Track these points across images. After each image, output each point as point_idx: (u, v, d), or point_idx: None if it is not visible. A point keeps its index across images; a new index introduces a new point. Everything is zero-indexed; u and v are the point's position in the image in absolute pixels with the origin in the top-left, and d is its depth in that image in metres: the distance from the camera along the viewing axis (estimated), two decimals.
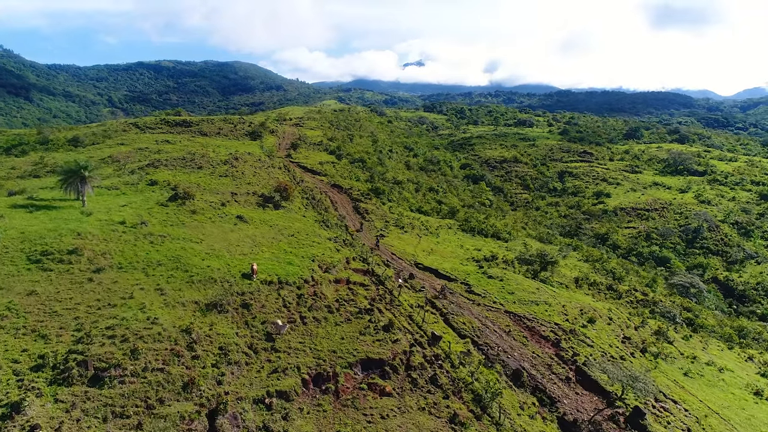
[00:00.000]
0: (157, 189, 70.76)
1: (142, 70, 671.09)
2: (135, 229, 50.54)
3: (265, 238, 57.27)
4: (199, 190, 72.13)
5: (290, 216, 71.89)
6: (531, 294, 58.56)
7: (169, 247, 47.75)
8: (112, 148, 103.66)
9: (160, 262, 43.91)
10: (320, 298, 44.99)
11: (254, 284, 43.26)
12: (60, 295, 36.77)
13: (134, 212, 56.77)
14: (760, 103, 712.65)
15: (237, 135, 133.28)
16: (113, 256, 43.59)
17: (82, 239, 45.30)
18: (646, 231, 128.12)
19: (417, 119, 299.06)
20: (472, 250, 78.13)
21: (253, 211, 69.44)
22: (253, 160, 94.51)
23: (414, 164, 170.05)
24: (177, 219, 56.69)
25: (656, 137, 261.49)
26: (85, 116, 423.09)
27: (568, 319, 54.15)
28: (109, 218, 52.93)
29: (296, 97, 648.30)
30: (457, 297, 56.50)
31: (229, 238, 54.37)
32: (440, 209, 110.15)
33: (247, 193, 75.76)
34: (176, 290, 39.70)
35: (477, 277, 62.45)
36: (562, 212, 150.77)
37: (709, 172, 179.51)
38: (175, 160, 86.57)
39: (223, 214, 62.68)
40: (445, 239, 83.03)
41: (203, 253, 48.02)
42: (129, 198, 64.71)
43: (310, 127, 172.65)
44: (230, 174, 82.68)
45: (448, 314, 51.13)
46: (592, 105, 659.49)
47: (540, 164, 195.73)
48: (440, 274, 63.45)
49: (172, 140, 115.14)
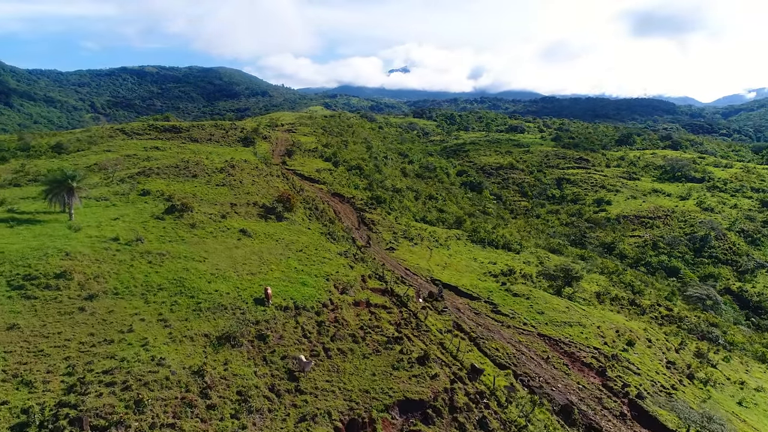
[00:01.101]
0: (150, 200, 65.25)
1: (126, 76, 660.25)
2: (130, 247, 45.13)
3: (272, 255, 52.13)
4: (196, 200, 66.71)
5: (295, 228, 66.79)
6: (562, 314, 54.03)
7: (169, 267, 42.43)
8: (99, 155, 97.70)
9: (161, 286, 38.60)
10: (342, 325, 39.98)
11: (269, 311, 38.15)
12: (47, 330, 31.38)
13: (128, 226, 51.32)
14: (741, 110, 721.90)
15: (229, 141, 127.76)
16: (107, 280, 38.21)
17: (71, 260, 39.84)
18: (652, 240, 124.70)
19: (407, 125, 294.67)
20: (486, 264, 73.55)
21: (256, 223, 64.21)
22: (250, 167, 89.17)
23: (410, 171, 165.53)
24: (176, 234, 51.34)
25: (649, 143, 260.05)
26: (67, 122, 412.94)
27: (607, 342, 49.68)
28: (100, 234, 47.46)
29: (282, 103, 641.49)
30: (483, 318, 51.79)
31: (234, 256, 49.15)
32: (445, 219, 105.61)
33: (248, 203, 70.47)
34: (182, 321, 34.45)
35: (501, 295, 57.80)
36: (563, 220, 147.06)
37: (707, 178, 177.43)
38: (168, 168, 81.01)
39: (225, 227, 57.39)
40: (457, 251, 78.37)
41: (208, 273, 42.78)
42: (120, 210, 59.16)
43: (303, 133, 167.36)
44: (228, 183, 77.30)
45: (477, 338, 46.36)
46: (578, 111, 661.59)
47: (536, 171, 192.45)
48: (461, 291, 58.68)
49: (161, 147, 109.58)
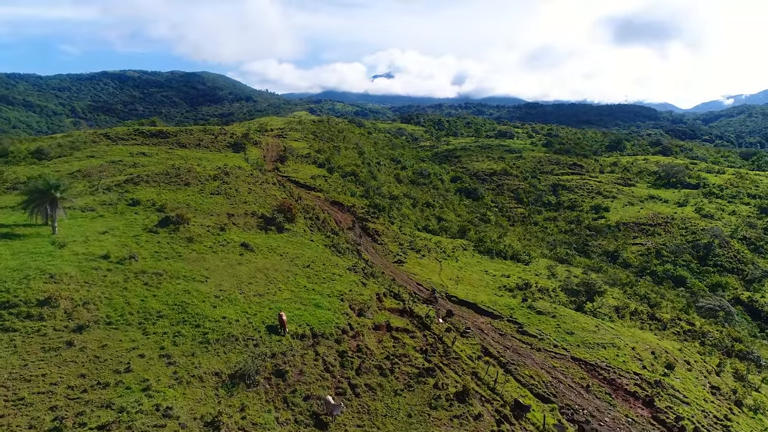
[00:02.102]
0: (140, 210, 60.11)
1: (107, 80, 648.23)
2: (123, 266, 40.13)
3: (278, 272, 47.45)
4: (191, 211, 61.73)
5: (297, 240, 62.12)
6: (592, 334, 50.02)
7: (168, 289, 37.58)
8: (82, 161, 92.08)
9: (160, 313, 33.77)
10: (366, 354, 35.49)
11: (285, 341, 33.54)
12: (29, 371, 26.44)
13: (118, 241, 46.26)
14: (720, 116, 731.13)
15: (219, 147, 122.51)
16: (99, 307, 33.30)
17: (56, 283, 34.82)
18: (655, 248, 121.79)
19: (395, 130, 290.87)
20: (499, 277, 69.49)
21: (256, 235, 59.42)
22: (245, 175, 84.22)
23: (404, 177, 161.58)
24: (172, 250, 46.39)
25: (639, 149, 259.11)
26: (46, 127, 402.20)
27: (645, 366, 45.72)
28: (88, 251, 42.36)
29: (266, 108, 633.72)
30: (510, 339, 47.60)
31: (238, 274, 44.39)
32: (447, 228, 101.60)
33: (246, 213, 65.60)
34: (188, 356, 29.68)
35: (524, 313, 53.62)
36: (561, 227, 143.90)
37: (702, 184, 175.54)
38: (158, 176, 75.78)
39: (225, 241, 52.52)
40: (466, 263, 74.20)
41: (212, 296, 37.98)
42: (109, 222, 53.98)
43: (294, 139, 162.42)
44: (223, 191, 72.29)
45: (508, 364, 42.13)
46: (561, 117, 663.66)
47: (531, 177, 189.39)
48: (481, 309, 54.41)
49: (148, 152, 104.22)
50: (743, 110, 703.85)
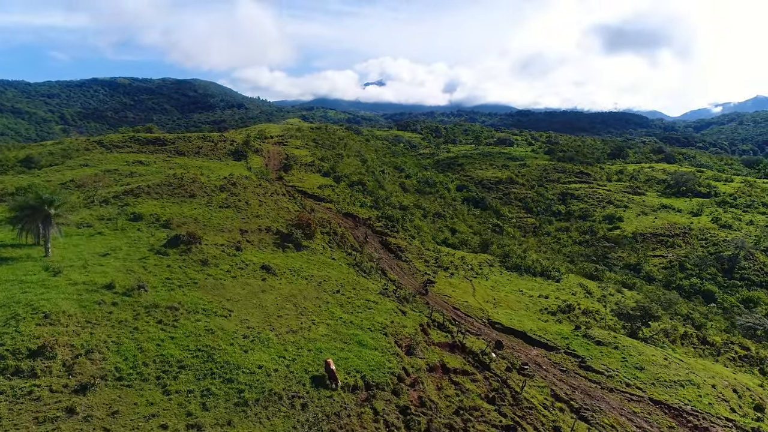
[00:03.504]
0: (143, 226, 53.53)
1: (97, 87, 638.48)
2: (131, 298, 33.58)
3: (307, 300, 41.07)
4: (199, 226, 55.24)
5: (318, 260, 55.78)
6: (664, 369, 44.02)
7: (187, 328, 31.09)
8: (75, 170, 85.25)
9: (182, 362, 27.30)
10: (430, 409, 29.23)
11: (336, 396, 27.19)
12: None
13: (123, 266, 39.65)
14: (711, 124, 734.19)
15: (219, 155, 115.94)
16: (105, 355, 26.79)
17: (51, 324, 28.26)
18: (677, 260, 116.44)
19: (393, 138, 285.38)
20: (536, 298, 63.49)
21: (273, 254, 53.00)
22: (253, 185, 77.73)
23: (409, 186, 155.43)
24: (185, 276, 39.84)
25: (642, 157, 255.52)
26: (35, 134, 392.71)
27: (734, 408, 39.83)
28: (88, 279, 35.75)
29: (258, 116, 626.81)
30: (574, 377, 41.46)
31: (264, 304, 37.97)
32: (466, 241, 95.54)
33: (259, 229, 59.15)
34: (223, 426, 23.23)
35: (581, 344, 47.55)
36: (575, 238, 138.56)
37: (713, 193, 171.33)
38: (160, 187, 69.06)
39: (243, 263, 46.03)
40: (498, 282, 68.15)
41: (240, 336, 31.55)
42: (109, 241, 47.37)
43: (295, 146, 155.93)
44: (232, 204, 65.77)
45: (582, 410, 36.01)
46: (553, 124, 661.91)
47: (537, 185, 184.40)
48: (532, 339, 48.29)
49: (145, 161, 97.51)
50: (734, 118, 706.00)
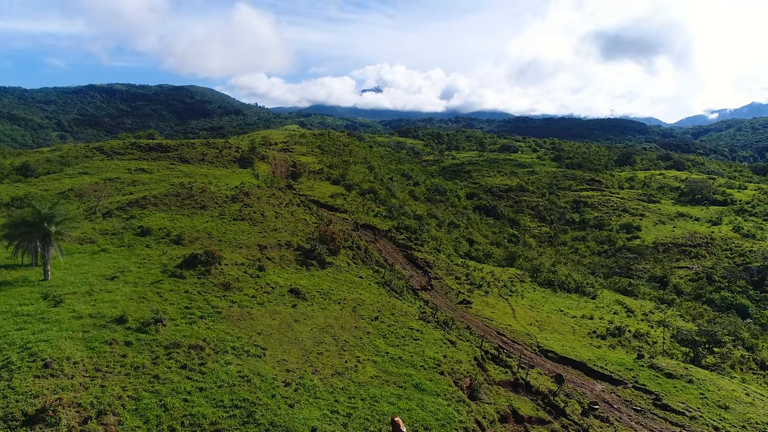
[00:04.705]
0: (152, 242, 48.12)
1: (94, 93, 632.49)
2: (147, 336, 28.07)
3: (345, 330, 35.67)
4: (213, 242, 49.91)
5: (345, 278, 50.40)
6: (750, 407, 38.73)
7: (218, 375, 25.57)
8: (74, 178, 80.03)
9: (217, 426, 21.72)
10: None
11: None
12: None
13: (133, 292, 34.18)
14: (709, 130, 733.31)
15: (224, 162, 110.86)
16: (122, 417, 21.27)
17: (53, 375, 22.75)
18: (704, 272, 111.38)
19: (395, 144, 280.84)
20: (579, 318, 58.20)
21: (298, 273, 47.59)
22: (266, 195, 72.31)
23: (419, 194, 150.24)
24: (207, 304, 34.36)
25: (650, 163, 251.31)
26: (32, 140, 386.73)
27: None
28: (95, 310, 30.25)
29: (256, 122, 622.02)
30: (650, 419, 36.07)
31: (300, 338, 32.54)
32: (490, 253, 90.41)
33: (279, 244, 53.70)
34: None
35: (649, 376, 42.21)
36: (593, 248, 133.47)
37: (729, 201, 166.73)
38: (167, 197, 63.60)
39: (268, 286, 40.54)
40: (534, 301, 62.83)
41: (280, 384, 26.06)
42: (116, 260, 41.90)
43: (301, 153, 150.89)
44: (247, 216, 60.33)
45: None
46: (551, 131, 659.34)
47: (548, 193, 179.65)
48: (592, 371, 42.91)
49: (147, 168, 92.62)
50: (732, 124, 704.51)
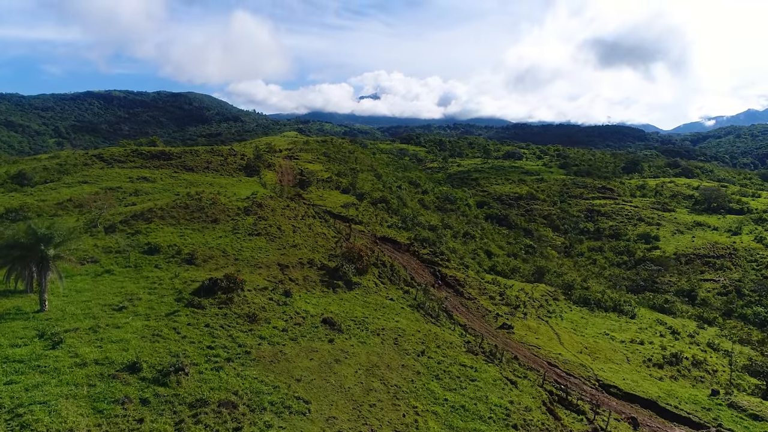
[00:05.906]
0: (162, 262, 42.78)
1: (92, 100, 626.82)
2: (166, 388, 22.73)
3: (393, 371, 30.44)
4: (230, 260, 44.63)
5: (375, 301, 45.16)
6: None
7: None
8: (72, 188, 74.79)
9: None
10: None
11: None
12: None
13: (146, 327, 28.84)
14: (708, 137, 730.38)
15: (230, 170, 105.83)
16: None
17: None
18: (732, 285, 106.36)
19: (397, 151, 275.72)
20: (629, 344, 53.01)
21: (326, 297, 42.30)
22: (280, 207, 66.92)
23: (429, 203, 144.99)
24: (232, 341, 29.02)
25: (658, 171, 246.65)
26: (29, 147, 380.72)
27: None
28: (101, 355, 24.90)
29: (255, 129, 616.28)
30: None
31: (345, 384, 27.29)
32: (518, 267, 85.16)
33: (300, 262, 48.39)
34: None
35: (730, 417, 36.98)
36: (611, 259, 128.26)
37: (746, 210, 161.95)
38: (174, 209, 58.23)
39: (298, 315, 35.22)
40: (575, 322, 57.62)
41: None
42: (122, 284, 36.55)
43: (307, 160, 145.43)
44: (263, 231, 55.01)
45: None
46: (549, 137, 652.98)
47: (560, 201, 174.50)
48: (666, 410, 37.61)
49: (150, 176, 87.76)
50: (730, 131, 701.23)
